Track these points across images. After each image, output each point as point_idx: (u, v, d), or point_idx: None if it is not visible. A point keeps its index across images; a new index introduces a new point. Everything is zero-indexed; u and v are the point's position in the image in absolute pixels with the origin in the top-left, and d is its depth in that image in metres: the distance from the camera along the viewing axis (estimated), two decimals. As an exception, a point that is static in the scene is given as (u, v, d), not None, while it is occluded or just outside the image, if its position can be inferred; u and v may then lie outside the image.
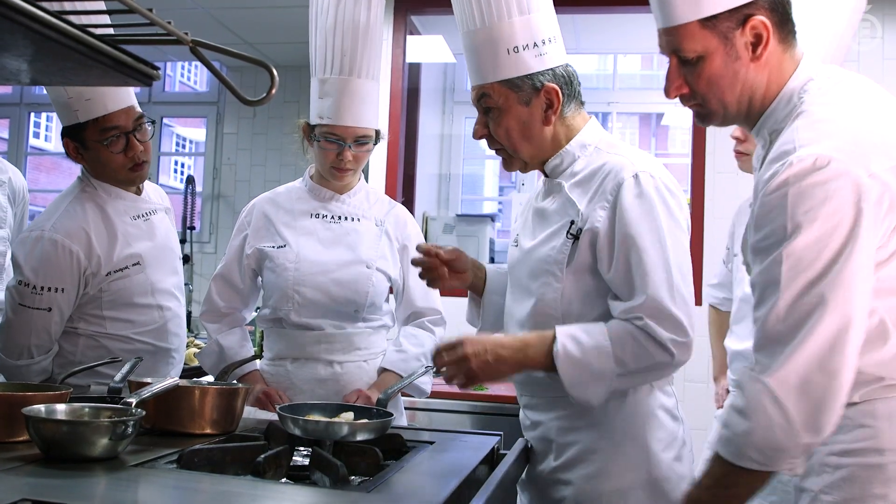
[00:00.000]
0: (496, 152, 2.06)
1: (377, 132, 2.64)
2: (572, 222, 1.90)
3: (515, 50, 1.93)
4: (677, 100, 1.72)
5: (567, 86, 1.97)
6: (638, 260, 1.79)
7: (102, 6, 1.71)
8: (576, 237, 1.88)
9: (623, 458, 1.87)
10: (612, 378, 1.77)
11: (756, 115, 1.67)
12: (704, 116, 1.71)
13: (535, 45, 1.94)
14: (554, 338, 1.80)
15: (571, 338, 1.79)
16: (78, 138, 2.50)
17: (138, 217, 2.60)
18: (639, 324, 1.76)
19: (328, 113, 2.55)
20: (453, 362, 1.84)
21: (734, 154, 3.30)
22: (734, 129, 3.13)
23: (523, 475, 2.01)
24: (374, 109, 2.62)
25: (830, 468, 1.57)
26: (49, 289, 2.40)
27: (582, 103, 2.04)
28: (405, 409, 2.85)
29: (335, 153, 2.56)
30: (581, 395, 1.79)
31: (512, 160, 2.04)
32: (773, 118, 1.63)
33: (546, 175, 2.05)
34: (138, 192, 2.64)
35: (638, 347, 1.76)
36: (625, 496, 1.87)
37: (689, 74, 1.65)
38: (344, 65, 2.55)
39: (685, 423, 2.00)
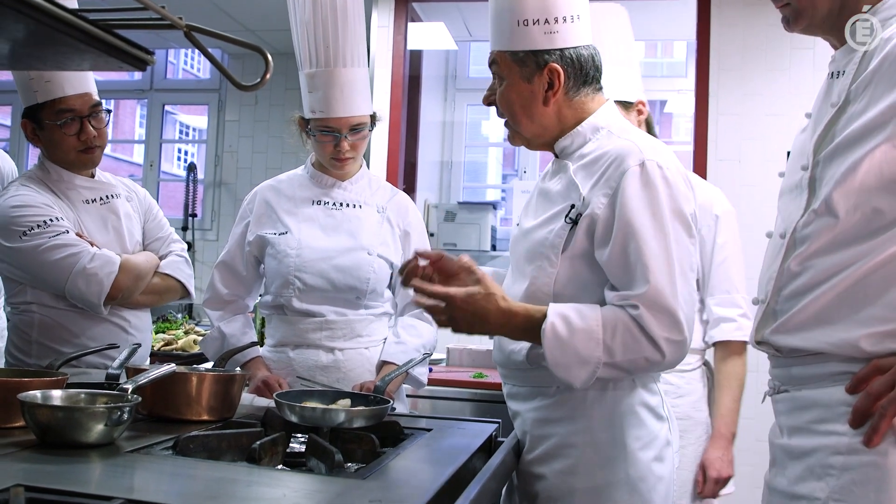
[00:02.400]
0: (504, 124, 2.00)
1: (373, 117, 2.64)
2: (572, 206, 1.83)
3: (525, 23, 1.87)
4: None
5: (575, 69, 1.89)
6: (637, 250, 1.71)
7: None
8: (574, 222, 1.81)
9: (599, 454, 1.81)
10: (598, 365, 1.71)
11: (847, 19, 1.59)
12: (792, 18, 1.65)
13: (547, 21, 1.86)
14: (545, 315, 1.74)
15: (562, 318, 1.72)
16: (35, 119, 2.64)
17: (93, 201, 2.70)
18: (633, 313, 1.69)
19: (319, 106, 2.55)
20: (440, 296, 1.78)
21: None
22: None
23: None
24: (364, 96, 2.61)
25: (836, 470, 1.49)
26: (46, 221, 2.52)
27: (599, 89, 1.96)
28: (406, 396, 2.85)
29: (332, 145, 2.57)
30: (564, 375, 1.73)
31: (514, 134, 1.99)
32: (882, 14, 1.56)
33: (556, 155, 1.99)
34: (91, 176, 2.75)
35: (629, 339, 1.69)
36: (599, 494, 1.81)
37: None
38: (328, 56, 2.55)
39: (672, 421, 1.94)
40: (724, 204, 2.91)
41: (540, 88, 1.89)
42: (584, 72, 1.91)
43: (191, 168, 6.39)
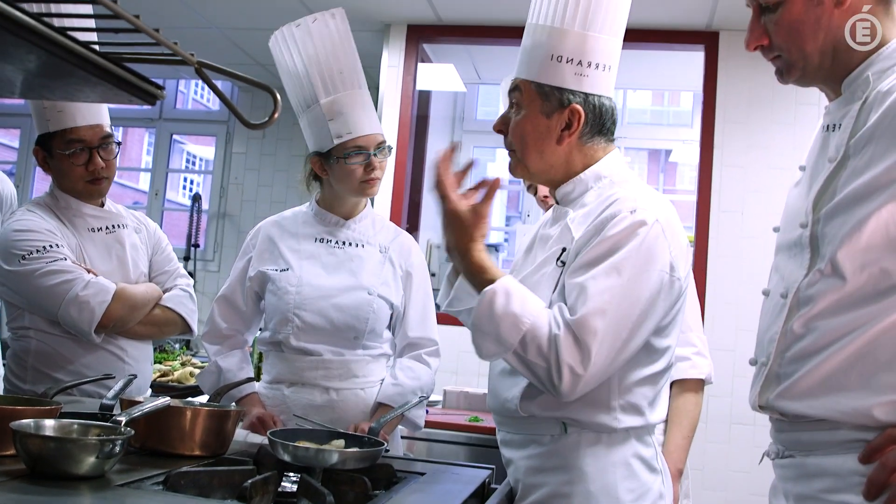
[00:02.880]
0: (508, 153, 2.00)
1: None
2: (564, 250, 1.84)
3: (559, 59, 1.87)
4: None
5: (595, 116, 1.90)
6: (587, 280, 1.70)
7: (109, 24, 1.72)
8: (565, 264, 1.81)
9: None
10: (509, 350, 1.70)
11: (842, 70, 1.59)
12: (785, 70, 1.65)
13: (580, 63, 1.88)
14: (495, 280, 1.75)
15: (506, 293, 1.72)
16: (46, 147, 2.67)
17: (99, 229, 2.72)
18: (555, 332, 1.68)
19: (346, 129, 2.56)
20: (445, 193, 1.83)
21: (540, 199, 3.14)
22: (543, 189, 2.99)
23: None
24: (377, 118, 2.68)
25: None
26: (45, 247, 2.54)
27: (611, 141, 1.97)
28: (402, 437, 2.83)
29: (363, 166, 2.57)
30: (476, 340, 1.74)
31: (518, 164, 1.98)
32: (877, 67, 1.55)
33: (557, 202, 1.99)
34: (101, 205, 2.77)
35: (544, 347, 1.67)
36: None
37: (769, 23, 1.61)
38: (344, 81, 2.59)
39: (666, 474, 1.92)
40: None
41: (557, 126, 1.89)
42: (601, 121, 1.92)
43: (196, 198, 6.41)
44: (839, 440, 1.50)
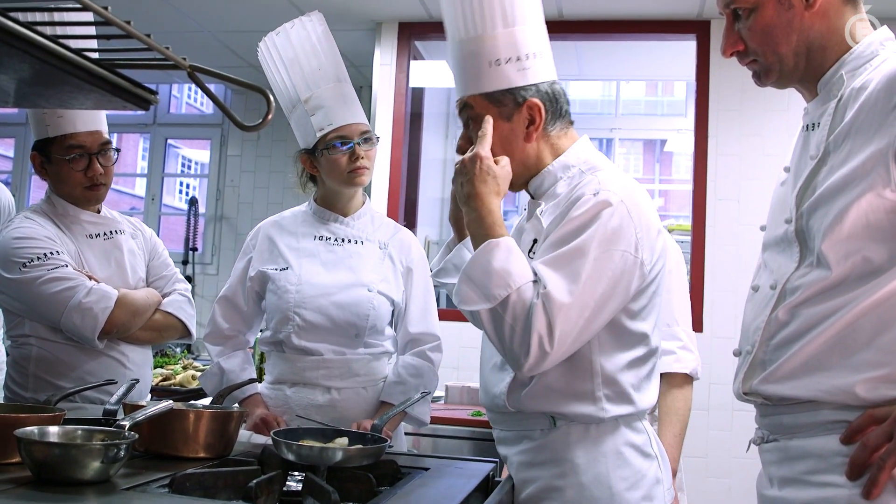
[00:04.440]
0: None
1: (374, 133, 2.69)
2: (535, 241, 1.86)
3: (497, 63, 1.88)
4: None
5: (552, 103, 1.92)
6: (556, 257, 1.72)
7: (101, 30, 1.73)
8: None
9: (584, 496, 1.81)
10: (487, 305, 1.71)
11: (816, 70, 1.64)
12: (761, 73, 1.69)
13: (518, 58, 1.89)
14: (502, 236, 1.77)
15: (508, 250, 1.74)
16: (45, 152, 2.67)
17: (97, 235, 2.73)
18: (535, 301, 1.69)
19: (327, 120, 2.59)
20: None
21: None
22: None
23: None
24: (362, 109, 2.68)
25: None
26: (46, 254, 2.54)
27: (571, 123, 1.98)
28: (406, 434, 2.84)
29: (347, 156, 2.58)
30: (463, 288, 1.75)
31: None
32: (849, 66, 1.60)
33: (532, 196, 2.01)
34: (97, 211, 2.79)
35: (523, 313, 1.69)
36: None
37: (743, 29, 1.65)
38: (321, 77, 2.62)
39: (663, 459, 1.93)
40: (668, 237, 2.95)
41: (520, 126, 1.91)
42: (557, 105, 1.94)
43: (192, 202, 6.41)
44: (821, 421, 1.53)
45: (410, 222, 5.22)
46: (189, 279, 6.05)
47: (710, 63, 4.70)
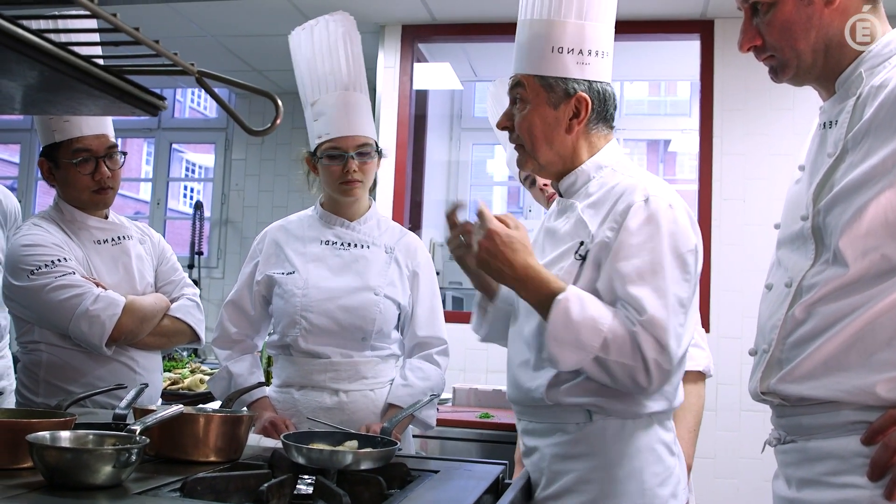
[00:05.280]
0: (514, 148, 2.02)
1: (378, 146, 2.67)
2: (581, 243, 1.86)
3: (560, 50, 1.91)
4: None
5: (600, 103, 1.94)
6: (636, 279, 1.74)
7: (110, 37, 1.74)
8: (584, 258, 1.84)
9: (618, 490, 1.82)
10: (590, 356, 1.72)
11: (834, 68, 1.63)
12: (779, 69, 1.68)
13: (581, 52, 1.92)
14: (564, 289, 1.77)
15: (579, 299, 1.75)
16: (52, 157, 2.67)
17: (105, 241, 2.73)
18: (631, 329, 1.71)
19: (325, 129, 2.60)
20: (484, 226, 1.82)
21: (537, 192, 3.17)
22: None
23: None
24: (368, 119, 2.67)
25: None
26: (54, 262, 2.54)
27: (612, 128, 2.01)
28: (413, 436, 2.84)
29: (340, 167, 2.59)
30: (556, 352, 1.75)
31: (527, 158, 1.99)
32: (868, 63, 1.59)
33: (560, 194, 2.01)
34: (104, 217, 2.79)
35: (627, 346, 1.71)
36: None
37: (761, 24, 1.65)
38: (330, 83, 2.62)
39: (681, 458, 1.95)
40: None
41: (565, 116, 1.93)
42: (605, 107, 1.96)
43: (198, 206, 6.41)
44: (841, 422, 1.51)
45: (415, 224, 5.23)
46: (195, 283, 6.06)
47: (715, 62, 4.70)
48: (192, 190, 10.48)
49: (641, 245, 1.77)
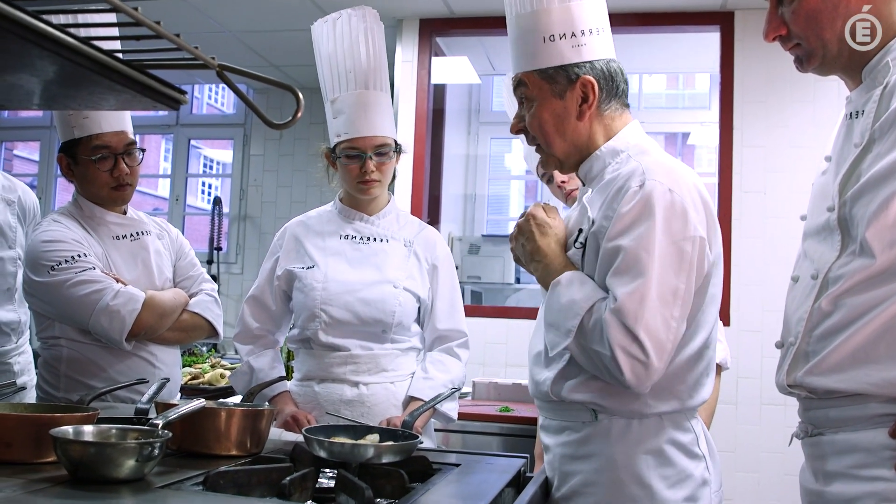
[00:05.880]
0: (536, 149, 1.97)
1: (397, 144, 2.66)
2: (580, 231, 1.83)
3: (552, 38, 1.84)
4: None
5: (607, 81, 1.87)
6: (617, 267, 1.68)
7: (130, 31, 1.74)
8: (584, 246, 1.80)
9: (623, 493, 1.76)
10: (568, 339, 1.71)
11: (861, 57, 1.60)
12: (804, 59, 1.66)
13: (574, 34, 1.84)
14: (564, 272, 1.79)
15: (570, 282, 1.75)
16: (71, 153, 2.68)
17: (124, 237, 2.74)
18: (604, 317, 1.66)
19: (344, 129, 2.60)
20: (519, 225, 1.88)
21: (554, 188, 3.12)
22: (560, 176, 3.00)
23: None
24: (388, 118, 2.65)
25: None
26: (74, 257, 2.55)
27: (626, 105, 1.93)
28: (435, 430, 2.84)
29: (358, 167, 2.59)
30: (546, 334, 1.78)
31: (548, 157, 1.95)
32: (895, 52, 1.56)
33: (583, 183, 1.96)
34: (123, 213, 2.80)
35: (598, 333, 1.67)
36: None
37: (787, 13, 1.63)
38: (350, 81, 2.61)
39: (713, 459, 1.86)
40: None
41: (573, 103, 1.86)
42: (614, 83, 1.89)
43: (216, 202, 6.43)
44: (869, 415, 1.50)
45: (434, 219, 5.23)
46: (214, 279, 6.08)
47: (735, 54, 4.67)
48: (209, 186, 10.51)
49: (627, 231, 1.70)
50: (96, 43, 1.28)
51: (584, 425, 1.83)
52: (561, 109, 1.87)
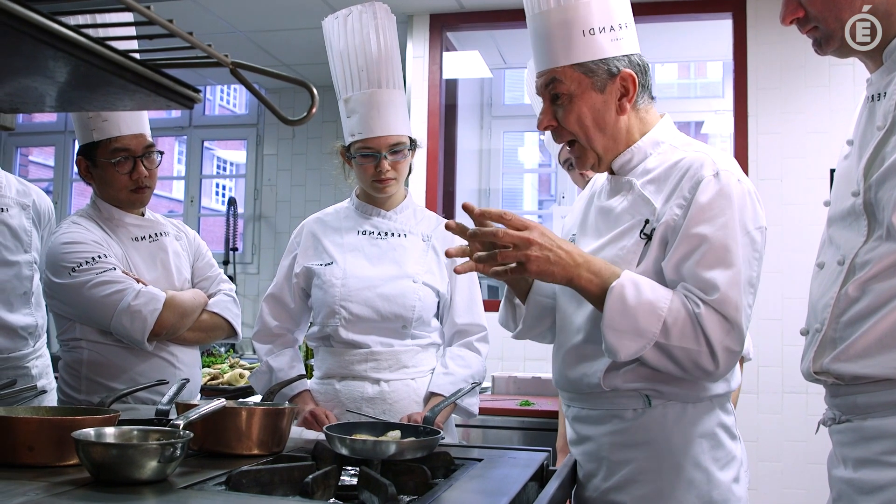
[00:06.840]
0: (568, 147, 1.94)
1: (412, 140, 2.65)
2: (646, 221, 1.80)
3: (591, 32, 1.83)
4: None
5: (642, 75, 1.88)
6: (707, 259, 1.69)
7: (143, 30, 1.73)
8: (649, 237, 1.78)
9: (682, 478, 1.78)
10: (650, 342, 1.67)
11: (881, 39, 1.56)
12: (823, 41, 1.63)
13: (612, 28, 1.84)
14: (618, 275, 1.71)
15: (634, 284, 1.69)
16: (90, 156, 2.69)
17: (143, 238, 2.74)
18: (696, 311, 1.67)
19: (358, 129, 2.58)
20: (516, 240, 1.69)
21: (576, 176, 3.06)
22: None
23: (571, 495, 1.96)
24: (402, 117, 2.64)
25: None
26: (94, 258, 2.56)
27: (653, 98, 1.94)
28: (456, 426, 2.83)
29: (373, 166, 2.59)
30: (614, 341, 1.69)
31: (585, 155, 1.91)
32: None
33: (613, 172, 1.94)
34: (141, 215, 2.80)
35: (689, 329, 1.67)
36: None
37: None
38: (363, 79, 2.60)
39: (742, 441, 1.91)
40: None
41: (613, 97, 1.86)
42: (646, 77, 1.91)
43: (231, 202, 6.44)
44: None
45: (449, 214, 5.22)
46: (231, 279, 6.09)
47: (748, 41, 4.64)
48: (223, 187, 10.52)
49: (709, 220, 1.71)
50: (110, 43, 1.27)
51: (634, 412, 1.83)
52: (601, 103, 1.86)
